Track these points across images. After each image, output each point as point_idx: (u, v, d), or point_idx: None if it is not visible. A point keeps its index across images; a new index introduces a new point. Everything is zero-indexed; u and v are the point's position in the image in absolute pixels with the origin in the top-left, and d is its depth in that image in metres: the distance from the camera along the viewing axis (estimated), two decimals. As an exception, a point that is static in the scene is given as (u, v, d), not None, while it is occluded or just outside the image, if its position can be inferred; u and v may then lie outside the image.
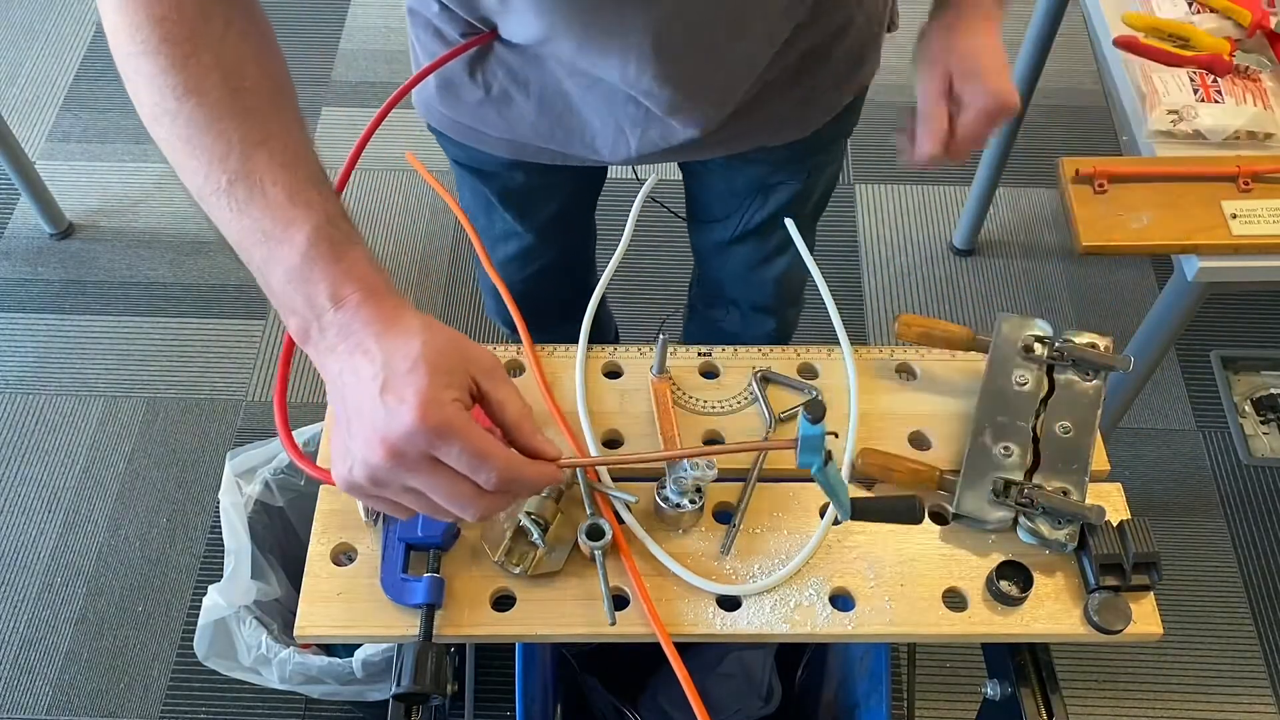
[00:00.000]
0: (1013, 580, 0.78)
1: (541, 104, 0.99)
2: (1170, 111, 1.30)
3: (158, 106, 0.65)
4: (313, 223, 0.63)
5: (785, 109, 1.03)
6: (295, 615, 0.78)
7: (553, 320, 1.14)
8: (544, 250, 1.25)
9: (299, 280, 0.63)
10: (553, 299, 0.93)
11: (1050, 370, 0.86)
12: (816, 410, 0.66)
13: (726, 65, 0.94)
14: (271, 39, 0.69)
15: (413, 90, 1.05)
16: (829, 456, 0.68)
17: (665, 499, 0.79)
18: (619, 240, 0.98)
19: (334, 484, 0.65)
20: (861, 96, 1.13)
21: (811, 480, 0.83)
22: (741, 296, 1.36)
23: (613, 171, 1.20)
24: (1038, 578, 0.78)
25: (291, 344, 0.77)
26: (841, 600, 0.78)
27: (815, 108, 1.06)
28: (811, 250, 1.36)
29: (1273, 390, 1.96)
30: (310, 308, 0.63)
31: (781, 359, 0.92)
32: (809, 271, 0.99)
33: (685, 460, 0.79)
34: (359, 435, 0.61)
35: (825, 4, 0.95)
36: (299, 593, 0.78)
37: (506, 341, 0.92)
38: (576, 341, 0.91)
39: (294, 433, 1.55)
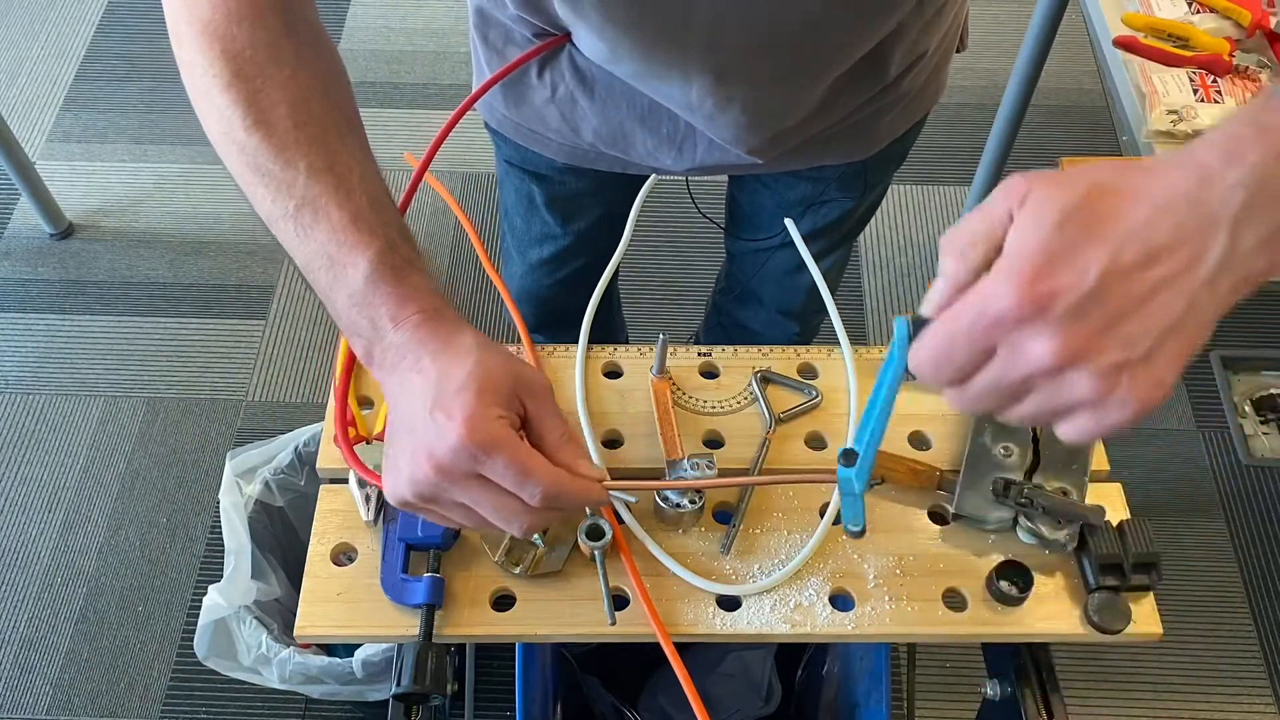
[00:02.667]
0: (1013, 580, 0.78)
1: (606, 110, 0.99)
2: (1170, 111, 1.30)
3: (226, 137, 0.68)
4: (375, 248, 0.65)
5: (847, 135, 1.02)
6: (295, 615, 0.78)
7: (575, 319, 1.14)
8: (578, 254, 1.25)
9: (362, 304, 0.65)
10: (580, 300, 0.94)
11: (1050, 370, 0.86)
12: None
13: (792, 103, 0.93)
14: (340, 72, 0.72)
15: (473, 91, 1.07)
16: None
17: (665, 499, 0.79)
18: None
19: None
20: (924, 119, 1.11)
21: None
22: (771, 299, 1.36)
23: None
24: (1038, 578, 0.78)
25: (349, 368, 0.80)
26: (841, 600, 0.78)
27: (878, 133, 1.05)
28: (845, 265, 1.36)
29: (1273, 390, 1.96)
30: (374, 329, 0.66)
31: (781, 359, 0.92)
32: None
33: (685, 460, 0.79)
34: (408, 451, 0.63)
35: (898, 44, 0.92)
36: (299, 593, 0.78)
37: (509, 341, 0.92)
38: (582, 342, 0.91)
39: (293, 433, 1.56)
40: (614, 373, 0.91)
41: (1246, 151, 0.47)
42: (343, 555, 0.80)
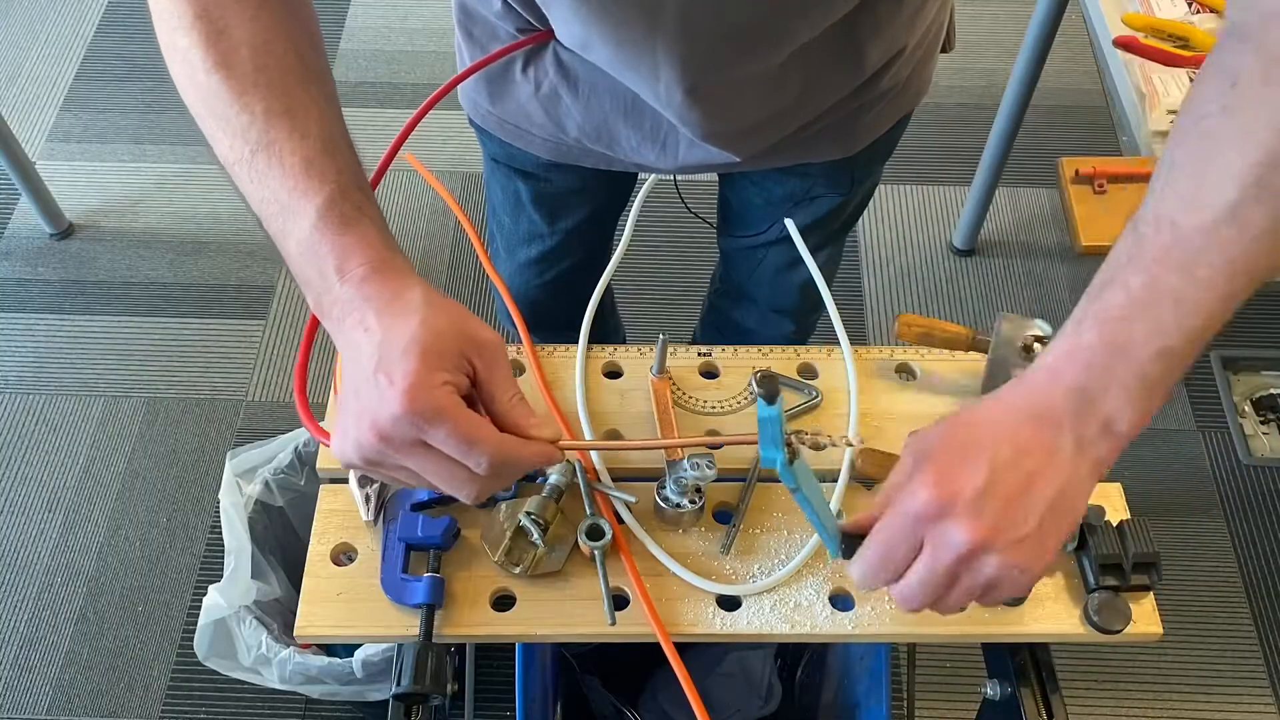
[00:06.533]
0: (1013, 580, 0.78)
1: (590, 106, 0.99)
2: (1170, 111, 1.30)
3: (189, 79, 0.67)
4: (325, 194, 0.64)
5: (829, 132, 1.02)
6: (295, 615, 0.78)
7: (565, 323, 1.14)
8: (567, 254, 1.24)
9: (309, 252, 0.64)
10: (569, 303, 0.93)
11: (1050, 370, 0.86)
12: (768, 386, 0.58)
13: (763, 104, 0.92)
14: (307, 20, 0.71)
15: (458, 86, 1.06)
16: (794, 453, 0.61)
17: (665, 499, 0.79)
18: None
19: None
20: (909, 116, 1.10)
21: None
22: (764, 298, 1.36)
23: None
24: (1038, 578, 0.78)
25: (313, 328, 0.78)
26: (841, 600, 0.78)
27: (860, 130, 1.04)
28: (839, 261, 1.36)
29: (1273, 390, 1.96)
30: (321, 280, 0.64)
31: (781, 359, 0.92)
32: (830, 275, 0.98)
33: (685, 460, 0.79)
34: (354, 413, 0.61)
35: (875, 38, 0.92)
36: (299, 593, 0.78)
37: (509, 342, 0.92)
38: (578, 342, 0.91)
39: (292, 433, 1.55)
40: (614, 373, 0.91)
41: (1065, 373, 0.60)
42: (343, 555, 0.80)
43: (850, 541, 0.64)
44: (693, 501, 0.79)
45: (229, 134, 0.66)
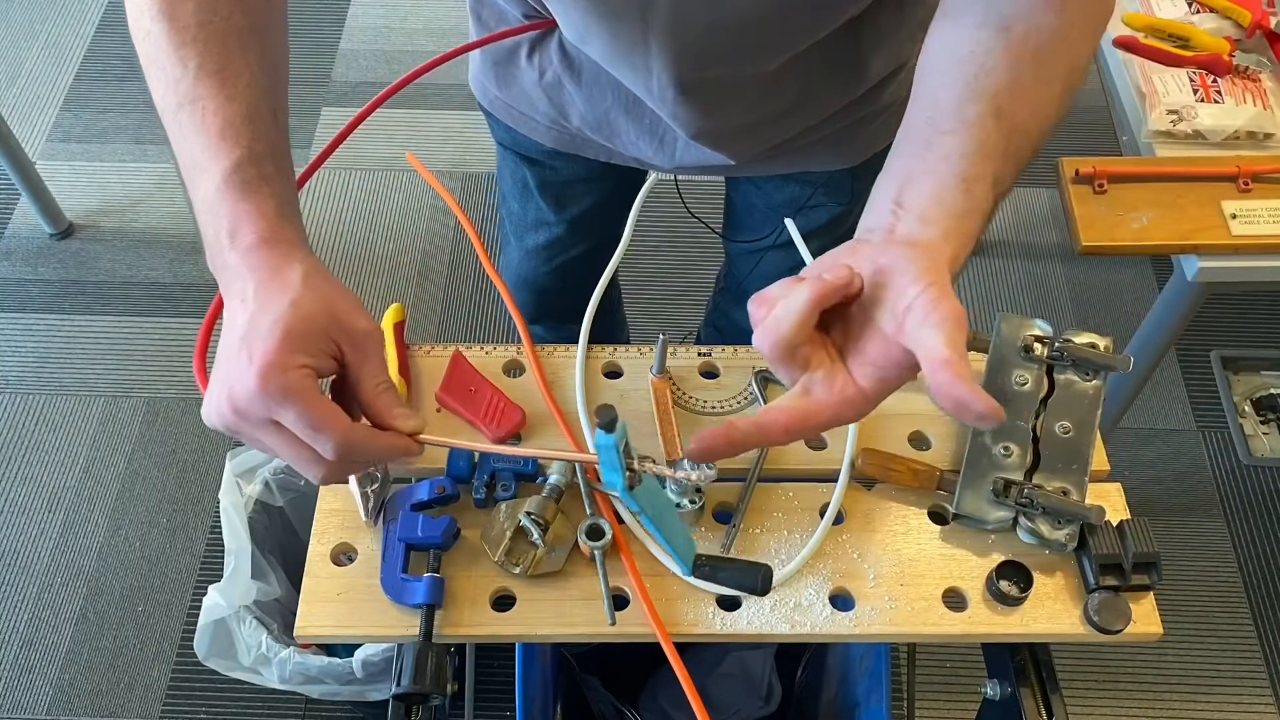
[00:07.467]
0: (1013, 580, 0.78)
1: (592, 97, 0.99)
2: (1170, 111, 1.30)
3: (137, 24, 0.68)
4: (233, 159, 0.64)
5: (829, 142, 1.02)
6: (295, 615, 0.78)
7: (573, 313, 1.14)
8: (574, 243, 1.25)
9: (209, 213, 0.65)
10: (577, 292, 0.93)
11: (1050, 370, 0.86)
12: (605, 415, 0.57)
13: (759, 107, 0.92)
14: None
15: (469, 70, 1.08)
16: (636, 477, 0.60)
17: (665, 499, 0.79)
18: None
19: None
20: None
21: (814, 480, 0.84)
22: None
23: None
24: (1038, 578, 0.78)
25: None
26: (841, 600, 0.78)
27: (861, 141, 1.05)
28: None
29: (1273, 390, 1.96)
30: (216, 242, 0.64)
31: (781, 359, 0.92)
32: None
33: (685, 460, 0.79)
34: (219, 381, 0.62)
35: (877, 49, 0.92)
36: (299, 593, 0.78)
37: (508, 341, 0.92)
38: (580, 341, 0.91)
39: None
40: (614, 373, 0.91)
41: (959, 251, 0.62)
42: (343, 555, 0.80)
43: (701, 563, 0.68)
44: (693, 501, 0.79)
45: (162, 84, 0.66)
